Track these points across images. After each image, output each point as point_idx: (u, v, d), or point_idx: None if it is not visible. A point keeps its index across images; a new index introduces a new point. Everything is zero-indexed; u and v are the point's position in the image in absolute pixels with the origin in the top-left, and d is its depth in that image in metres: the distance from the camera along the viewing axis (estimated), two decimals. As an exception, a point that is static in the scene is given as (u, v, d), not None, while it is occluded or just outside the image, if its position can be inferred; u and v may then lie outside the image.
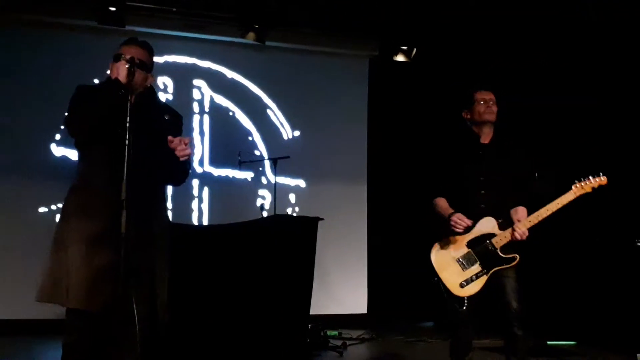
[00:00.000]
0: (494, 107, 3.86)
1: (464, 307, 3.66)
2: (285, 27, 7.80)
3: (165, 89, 7.49)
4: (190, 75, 7.71)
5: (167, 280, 3.20)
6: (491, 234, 3.70)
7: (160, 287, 3.14)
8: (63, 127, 6.12)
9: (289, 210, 7.82)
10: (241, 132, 7.83)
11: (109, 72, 3.10)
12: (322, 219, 5.96)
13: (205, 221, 7.58)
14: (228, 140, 7.66)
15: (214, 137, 7.73)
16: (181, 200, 7.37)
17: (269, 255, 5.60)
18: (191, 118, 7.57)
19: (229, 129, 7.78)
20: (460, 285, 3.67)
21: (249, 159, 7.12)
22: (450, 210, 3.74)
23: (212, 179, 7.67)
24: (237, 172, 7.61)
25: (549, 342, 6.18)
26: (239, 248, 5.59)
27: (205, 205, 7.63)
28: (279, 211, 6.78)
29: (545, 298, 6.40)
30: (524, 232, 3.65)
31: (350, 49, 8.17)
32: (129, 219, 2.75)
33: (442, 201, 3.84)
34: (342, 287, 7.83)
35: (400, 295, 7.91)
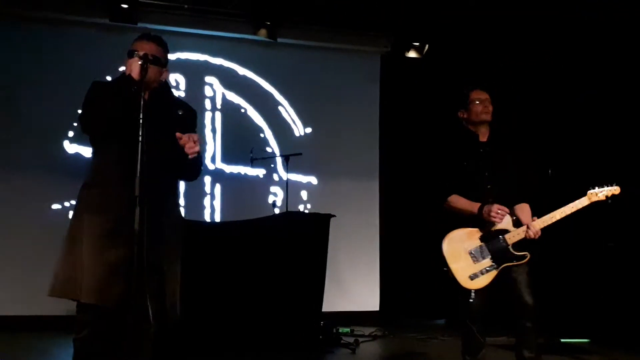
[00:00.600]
0: (490, 107, 3.89)
1: (471, 300, 3.67)
2: (297, 24, 7.79)
3: (177, 86, 7.50)
4: (202, 73, 7.71)
5: (179, 277, 3.20)
6: (505, 230, 3.72)
7: (171, 284, 3.14)
8: (77, 124, 6.18)
9: (301, 207, 7.81)
10: (253, 129, 7.82)
11: (123, 69, 3.10)
12: (334, 216, 5.97)
13: (217, 218, 7.59)
14: (240, 137, 7.66)
15: (226, 134, 7.73)
16: (193, 197, 7.38)
17: (281, 252, 5.61)
18: (203, 115, 7.57)
19: (241, 126, 7.78)
20: (470, 278, 3.68)
21: (261, 155, 7.12)
22: (476, 204, 3.72)
23: (224, 175, 7.68)
24: (249, 169, 7.61)
25: (563, 340, 6.14)
26: (251, 245, 5.60)
27: (217, 202, 7.63)
28: (290, 208, 6.78)
29: (559, 296, 6.37)
30: (537, 232, 3.68)
31: (362, 45, 8.15)
32: (142, 216, 2.75)
33: (459, 197, 3.82)
34: (354, 284, 7.82)
35: (413, 293, 7.90)
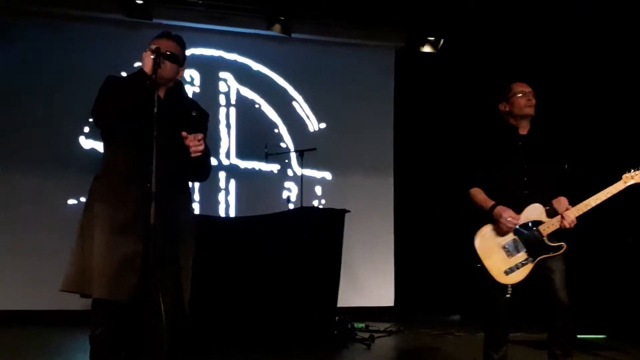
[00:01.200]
0: (533, 100, 3.81)
1: (508, 295, 3.60)
2: (311, 19, 7.78)
3: (191, 81, 7.51)
4: (216, 68, 7.72)
5: (191, 273, 3.20)
6: (538, 221, 3.65)
7: (184, 280, 3.15)
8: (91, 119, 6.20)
9: (315, 203, 7.81)
10: (267, 125, 7.82)
11: (139, 64, 3.10)
12: (349, 211, 5.95)
13: (232, 213, 7.60)
14: (254, 132, 7.66)
15: (240, 130, 7.73)
16: (208, 193, 7.41)
17: (296, 247, 5.61)
18: (217, 110, 7.59)
19: (255, 122, 7.78)
20: (505, 273, 3.61)
21: (275, 151, 7.12)
22: (490, 202, 3.68)
23: (239, 171, 7.69)
24: (264, 165, 7.62)
25: (579, 336, 6.08)
26: (266, 240, 5.61)
27: (232, 197, 7.65)
28: (305, 203, 6.77)
29: (575, 291, 6.31)
30: (573, 220, 3.60)
31: (377, 40, 8.11)
32: (157, 211, 2.75)
33: (479, 192, 3.78)
34: (369, 280, 7.80)
35: (427, 288, 7.88)
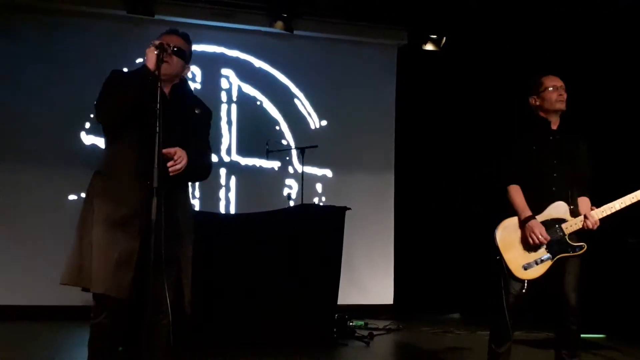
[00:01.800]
0: (564, 95, 3.77)
1: (523, 291, 3.59)
2: (314, 16, 7.78)
3: (193, 78, 7.50)
4: (218, 65, 7.72)
5: (191, 268, 3.20)
6: (562, 219, 3.64)
7: (184, 277, 3.15)
8: (93, 114, 6.20)
9: (316, 200, 7.81)
10: (268, 122, 7.83)
11: (141, 60, 3.09)
12: (350, 209, 5.95)
13: (232, 210, 7.61)
14: (255, 129, 7.66)
15: (242, 127, 7.73)
16: (208, 189, 7.41)
17: (296, 244, 5.61)
18: (219, 107, 7.58)
19: (257, 118, 7.78)
20: (523, 268, 3.60)
21: (277, 148, 7.12)
22: (528, 212, 3.64)
23: (239, 168, 7.69)
24: (264, 162, 7.61)
25: (578, 335, 6.11)
26: (266, 237, 5.61)
27: (232, 194, 7.65)
28: (305, 201, 6.77)
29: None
30: (596, 222, 3.60)
31: (379, 38, 8.11)
32: (159, 207, 2.75)
33: (518, 192, 3.72)
34: (369, 278, 7.81)
35: (427, 286, 7.88)
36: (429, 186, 8.03)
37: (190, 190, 3.40)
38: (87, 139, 7.21)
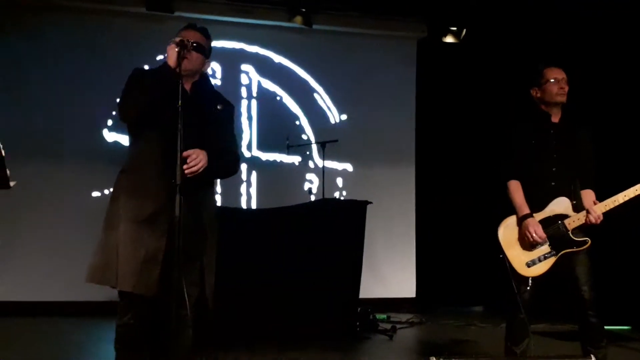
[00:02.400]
0: (566, 87, 3.72)
1: (528, 288, 3.57)
2: (332, 11, 7.76)
3: (213, 74, 7.52)
4: (238, 60, 7.74)
5: (215, 266, 3.21)
6: (564, 215, 3.61)
7: (208, 273, 3.15)
8: (115, 112, 6.24)
9: (337, 194, 7.81)
10: (289, 117, 7.83)
11: (161, 57, 3.10)
12: (371, 203, 5.94)
13: (253, 205, 7.63)
14: (275, 124, 7.67)
15: (262, 122, 7.75)
16: (230, 185, 7.42)
17: (318, 239, 5.62)
18: (239, 103, 7.61)
19: (277, 114, 7.79)
20: (527, 265, 3.58)
21: (297, 143, 7.12)
22: (526, 210, 3.62)
23: (260, 163, 7.71)
24: (285, 157, 7.63)
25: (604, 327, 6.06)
26: (288, 232, 5.62)
27: (254, 189, 7.68)
28: (326, 195, 6.77)
29: (600, 283, 6.26)
30: (599, 216, 3.55)
31: (398, 31, 8.07)
32: (182, 203, 2.75)
33: (518, 188, 3.71)
34: (390, 271, 7.80)
35: (449, 279, 7.85)
36: (450, 178, 7.99)
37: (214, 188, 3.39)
38: (110, 136, 7.27)
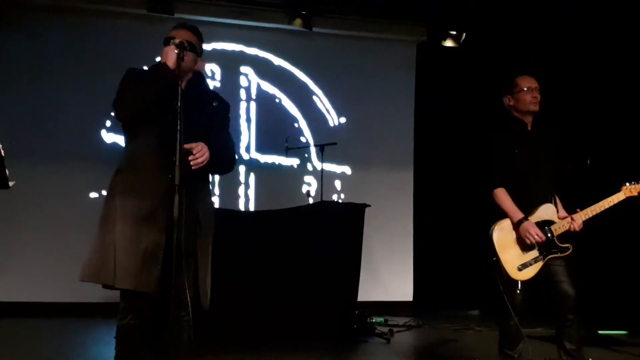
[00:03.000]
0: (538, 96, 3.78)
1: (518, 292, 3.61)
2: (332, 14, 7.78)
3: (212, 76, 7.55)
4: (237, 62, 7.75)
5: (210, 264, 3.20)
6: (550, 221, 3.68)
7: (203, 273, 3.14)
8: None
9: (335, 197, 7.82)
10: (287, 119, 7.85)
11: (160, 58, 3.11)
12: (369, 206, 5.95)
13: (251, 207, 7.63)
14: (274, 127, 7.68)
15: (261, 124, 7.76)
16: (228, 187, 7.44)
17: (316, 241, 5.61)
18: (238, 105, 7.62)
19: (276, 116, 7.81)
20: (518, 269, 3.63)
21: (296, 145, 7.13)
22: (520, 214, 3.65)
23: (259, 165, 7.72)
24: (283, 159, 7.64)
25: (600, 332, 6.07)
26: (286, 234, 5.62)
27: (252, 191, 7.68)
28: (325, 198, 6.79)
29: (596, 288, 6.28)
30: (580, 225, 3.66)
31: (398, 34, 8.10)
32: (180, 203, 2.76)
33: (506, 195, 3.72)
34: (388, 274, 7.81)
35: (446, 283, 7.86)
36: (449, 182, 8.00)
37: (210, 186, 3.40)
38: (108, 137, 7.27)
